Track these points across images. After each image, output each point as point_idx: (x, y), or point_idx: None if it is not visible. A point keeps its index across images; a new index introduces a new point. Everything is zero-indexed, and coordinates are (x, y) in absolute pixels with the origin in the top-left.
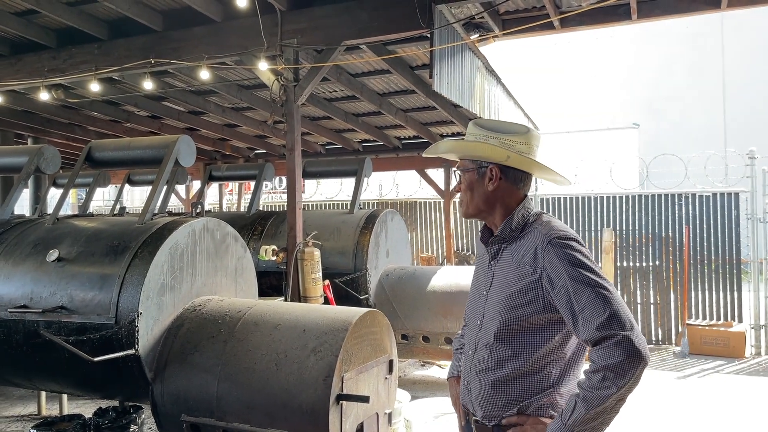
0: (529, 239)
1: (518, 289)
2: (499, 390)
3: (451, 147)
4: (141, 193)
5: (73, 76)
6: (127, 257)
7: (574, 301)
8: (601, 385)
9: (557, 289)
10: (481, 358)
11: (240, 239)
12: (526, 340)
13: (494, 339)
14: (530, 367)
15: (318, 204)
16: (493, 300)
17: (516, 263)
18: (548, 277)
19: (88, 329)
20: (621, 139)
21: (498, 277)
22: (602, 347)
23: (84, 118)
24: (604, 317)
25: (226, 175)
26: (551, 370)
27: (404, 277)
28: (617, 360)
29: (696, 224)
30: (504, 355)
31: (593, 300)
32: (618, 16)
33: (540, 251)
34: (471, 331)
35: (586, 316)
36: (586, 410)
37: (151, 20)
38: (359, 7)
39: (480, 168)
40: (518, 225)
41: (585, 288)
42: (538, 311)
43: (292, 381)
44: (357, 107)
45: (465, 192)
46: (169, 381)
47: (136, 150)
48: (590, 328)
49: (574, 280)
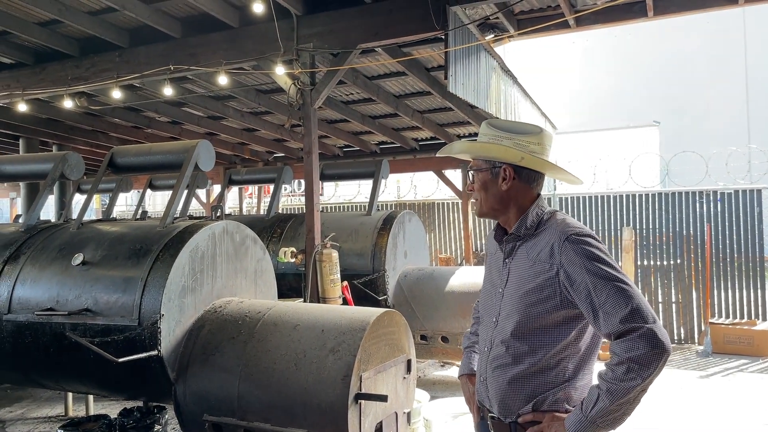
0: (545, 236)
1: (535, 286)
2: (515, 386)
3: (465, 148)
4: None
5: (96, 83)
6: (149, 260)
7: (594, 296)
8: (626, 376)
9: (576, 284)
10: (497, 354)
11: (259, 241)
12: (543, 336)
13: (511, 335)
14: (546, 363)
15: (336, 206)
16: (510, 297)
17: (532, 260)
18: (566, 273)
19: (112, 331)
20: (641, 137)
21: (513, 275)
22: (626, 340)
23: (106, 124)
24: (626, 310)
25: (245, 178)
26: (567, 365)
27: (422, 278)
28: (642, 352)
29: (718, 222)
30: (521, 351)
31: (614, 294)
32: (634, 13)
33: (557, 248)
34: (485, 329)
35: (607, 309)
36: (611, 402)
37: (170, 27)
38: (374, 10)
39: (493, 168)
40: (533, 223)
41: (605, 282)
42: (555, 307)
43: (312, 380)
44: (373, 109)
45: (479, 191)
46: (191, 381)
47: (156, 155)
48: (613, 322)
49: (594, 275)
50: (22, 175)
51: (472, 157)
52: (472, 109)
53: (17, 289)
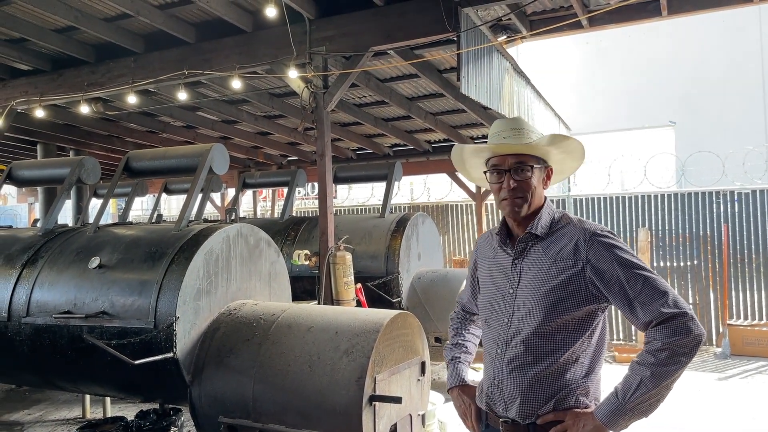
0: (565, 235)
1: (559, 283)
2: (538, 385)
3: (551, 140)
4: (177, 202)
5: (111, 89)
6: (165, 263)
7: (628, 288)
8: (670, 360)
9: (607, 278)
10: (515, 355)
11: (273, 244)
12: (566, 333)
13: (533, 334)
14: (567, 359)
15: (350, 209)
16: (527, 297)
17: (551, 258)
18: (594, 268)
19: (128, 333)
20: (657, 138)
21: (529, 274)
22: (667, 326)
23: (122, 129)
24: (665, 299)
25: (259, 182)
26: (584, 361)
27: (436, 280)
28: (685, 337)
29: (735, 222)
30: (543, 350)
31: (648, 284)
32: (648, 12)
33: (582, 244)
34: (494, 332)
35: (643, 299)
36: (654, 386)
37: (184, 33)
38: (386, 13)
39: (544, 167)
40: (547, 222)
41: (638, 274)
42: (579, 303)
43: (326, 382)
44: (386, 112)
45: (527, 191)
46: (206, 383)
47: (171, 159)
48: (652, 309)
49: (626, 267)
50: (39, 180)
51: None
52: (485, 110)
53: (35, 293)
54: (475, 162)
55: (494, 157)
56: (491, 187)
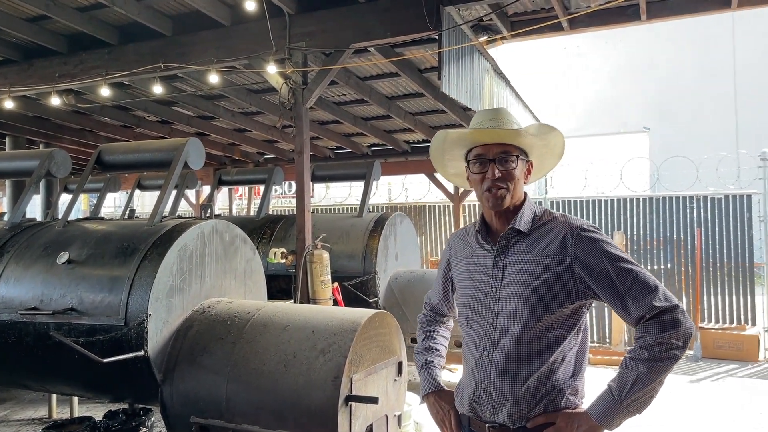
0: (551, 230)
1: (546, 280)
2: (529, 387)
3: (539, 130)
4: (151, 198)
5: (84, 81)
6: (137, 259)
7: (618, 283)
8: (665, 355)
9: (596, 273)
10: (504, 356)
11: (249, 241)
12: (556, 331)
13: (521, 334)
14: (555, 358)
15: (327, 208)
16: (512, 295)
17: (537, 255)
18: (582, 264)
19: (97, 331)
20: (632, 143)
21: (513, 272)
22: (659, 321)
23: (94, 123)
24: (656, 293)
25: (235, 179)
26: (571, 359)
27: (413, 280)
28: (678, 330)
29: (708, 227)
30: (533, 350)
31: (638, 279)
32: (627, 16)
33: (569, 240)
34: (477, 333)
35: (634, 294)
36: (650, 381)
37: (160, 25)
38: (367, 10)
39: (526, 160)
40: (529, 219)
41: (627, 269)
42: (567, 300)
43: (301, 382)
44: (365, 111)
45: (510, 182)
46: (178, 382)
47: (145, 153)
48: (644, 304)
49: (614, 262)
50: (6, 173)
51: (524, 141)
52: (465, 111)
53: (0, 288)
54: (455, 153)
55: (478, 146)
56: (473, 180)
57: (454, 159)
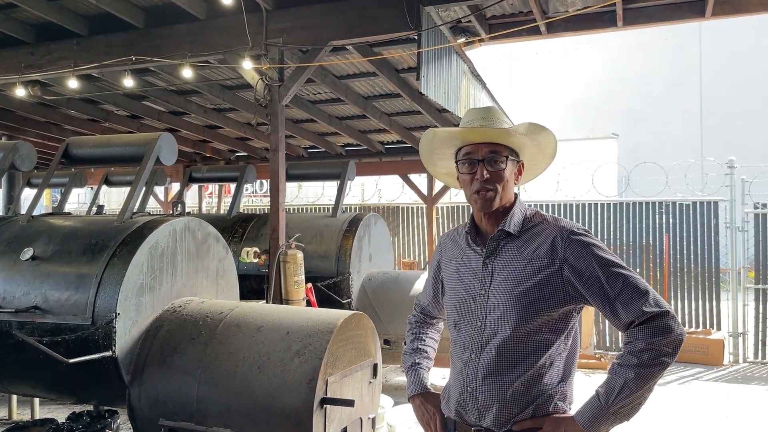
0: (541, 233)
1: (534, 283)
2: (516, 391)
3: (528, 129)
4: (118, 195)
5: (51, 72)
6: (106, 256)
7: (608, 287)
8: (654, 361)
9: (586, 277)
10: (490, 360)
11: (222, 240)
12: (544, 335)
13: (509, 338)
14: (544, 363)
15: (299, 208)
16: (500, 298)
17: (527, 258)
18: (572, 267)
19: (63, 330)
20: (601, 149)
21: (502, 274)
22: (650, 326)
23: (61, 116)
24: (646, 298)
25: (206, 176)
26: (560, 364)
27: (387, 282)
28: (668, 336)
29: (676, 232)
30: (520, 354)
31: (629, 283)
32: (604, 22)
33: (559, 243)
34: (465, 336)
35: (624, 299)
36: (638, 388)
37: (132, 17)
38: (346, 7)
39: (517, 160)
40: (519, 221)
41: (617, 273)
42: (555, 304)
43: (275, 384)
44: (341, 110)
45: (499, 183)
46: (147, 384)
47: (116, 147)
48: (634, 309)
49: (605, 266)
50: None
51: (517, 142)
52: (441, 113)
53: None
54: (445, 152)
55: (467, 145)
56: (462, 180)
57: (444, 158)
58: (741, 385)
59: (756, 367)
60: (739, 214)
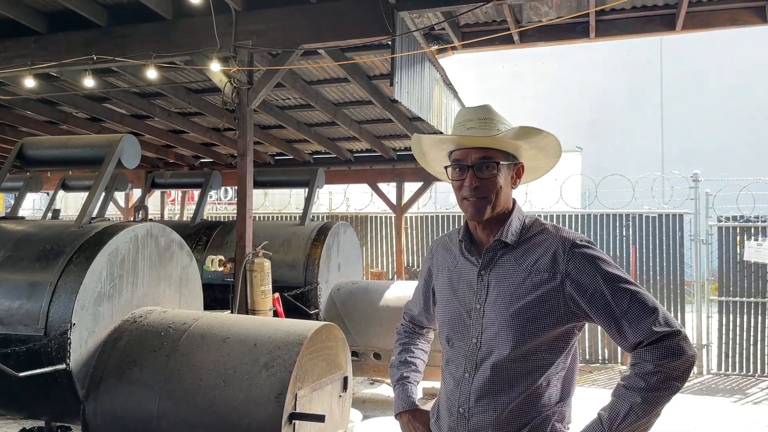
0: (541, 244)
1: (534, 299)
2: (511, 413)
3: (519, 134)
4: (75, 201)
5: (6, 71)
6: (61, 263)
7: (614, 305)
8: (663, 385)
9: (590, 293)
10: (485, 380)
11: (186, 247)
12: (542, 354)
13: (505, 357)
14: (542, 383)
15: (266, 216)
16: (496, 313)
17: (525, 271)
18: (575, 283)
19: (13, 341)
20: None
21: (497, 288)
22: (659, 346)
23: (16, 117)
24: (655, 316)
25: (169, 182)
26: (558, 384)
27: (356, 292)
28: (679, 358)
29: (642, 244)
30: (517, 374)
31: (636, 300)
32: (576, 33)
33: (561, 256)
34: (460, 353)
35: (632, 317)
36: (644, 413)
37: (94, 14)
38: (318, 10)
39: (514, 164)
40: (517, 229)
41: (624, 289)
42: (556, 322)
43: (242, 399)
44: (310, 117)
45: (493, 189)
46: (103, 399)
47: (74, 148)
48: (643, 328)
49: (611, 281)
50: None
51: (508, 147)
52: (411, 122)
53: None
54: (436, 155)
55: (457, 150)
56: (452, 184)
57: (437, 159)
58: (707, 396)
59: (720, 378)
60: (704, 226)
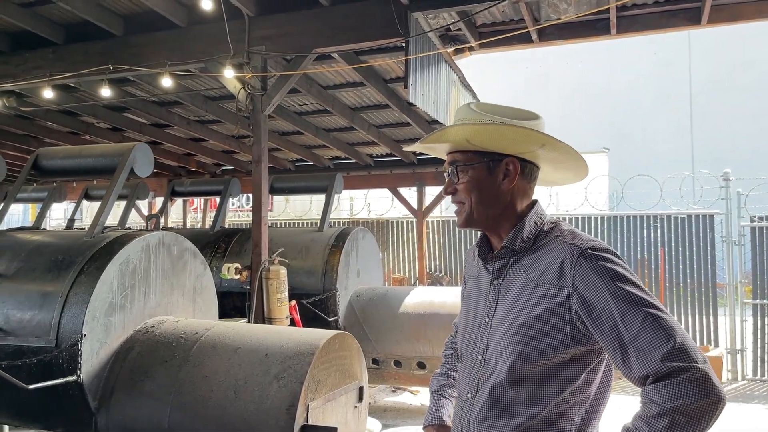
0: (551, 252)
1: (537, 315)
2: None
3: (471, 132)
4: None
5: (26, 82)
6: (72, 273)
7: (622, 328)
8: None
9: (597, 312)
10: (484, 403)
11: (200, 255)
12: (546, 379)
13: (505, 379)
14: (548, 414)
15: (287, 222)
16: (501, 329)
17: (532, 282)
18: (581, 298)
19: (25, 353)
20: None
21: (505, 300)
22: (669, 384)
23: (39, 129)
24: (668, 346)
25: (189, 190)
26: (572, 417)
27: (376, 299)
28: (692, 400)
29: (671, 246)
30: (517, 400)
31: (650, 324)
32: (597, 30)
33: (568, 266)
34: (467, 370)
35: (641, 345)
36: None
37: (110, 24)
38: (330, 14)
39: (492, 161)
40: (530, 234)
41: (636, 310)
42: (562, 343)
43: (252, 410)
44: (328, 122)
45: (467, 193)
46: (115, 411)
47: (87, 158)
48: (651, 360)
49: (621, 300)
50: None
51: (460, 146)
52: (430, 125)
53: None
54: None
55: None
56: None
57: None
58: (741, 403)
59: (755, 384)
60: (736, 227)
